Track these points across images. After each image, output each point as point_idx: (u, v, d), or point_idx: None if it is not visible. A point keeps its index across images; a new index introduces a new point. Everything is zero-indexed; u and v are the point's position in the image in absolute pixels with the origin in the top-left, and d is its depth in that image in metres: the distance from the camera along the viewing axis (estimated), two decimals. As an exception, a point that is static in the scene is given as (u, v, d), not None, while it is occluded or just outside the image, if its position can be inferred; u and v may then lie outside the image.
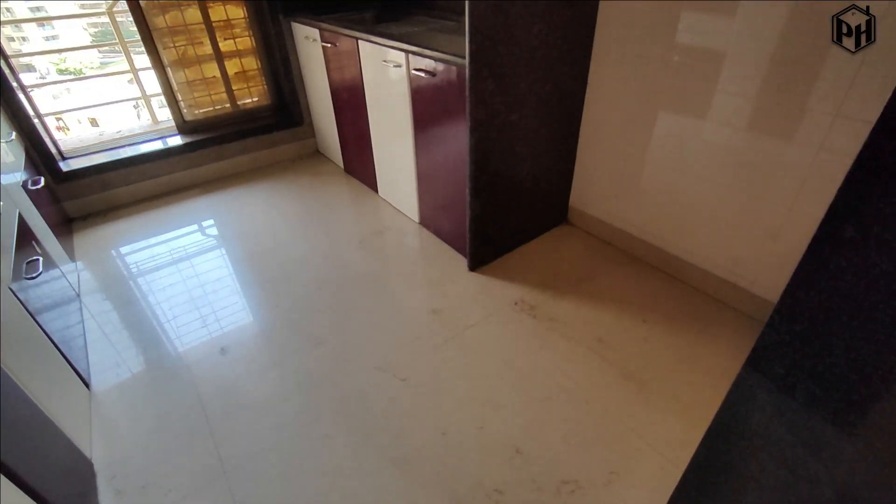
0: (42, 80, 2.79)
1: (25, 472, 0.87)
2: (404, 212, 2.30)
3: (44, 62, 3.56)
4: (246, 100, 2.82)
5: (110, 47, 2.63)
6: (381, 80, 1.96)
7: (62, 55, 3.70)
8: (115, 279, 1.98)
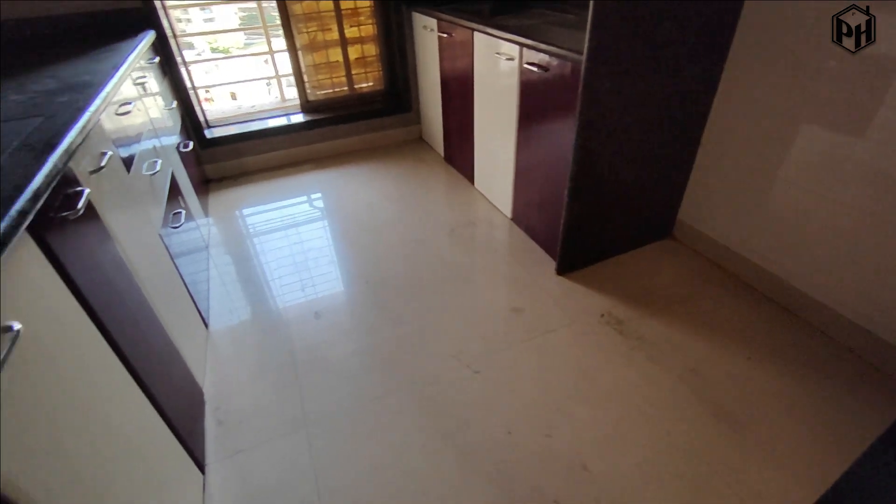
0: (199, 56, 3.27)
1: (154, 388, 1.03)
2: (497, 206, 2.29)
3: (202, 41, 4.14)
4: (362, 84, 2.99)
5: (254, 30, 2.93)
6: (492, 73, 1.96)
7: (215, 36, 4.27)
8: (236, 236, 2.24)
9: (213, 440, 1.31)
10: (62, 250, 0.81)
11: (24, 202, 0.70)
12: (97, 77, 1.35)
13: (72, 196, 0.90)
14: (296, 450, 1.27)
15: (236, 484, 1.20)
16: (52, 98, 1.19)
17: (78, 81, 1.32)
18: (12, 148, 0.88)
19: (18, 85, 1.32)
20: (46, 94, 1.22)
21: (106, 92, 1.21)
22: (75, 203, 0.89)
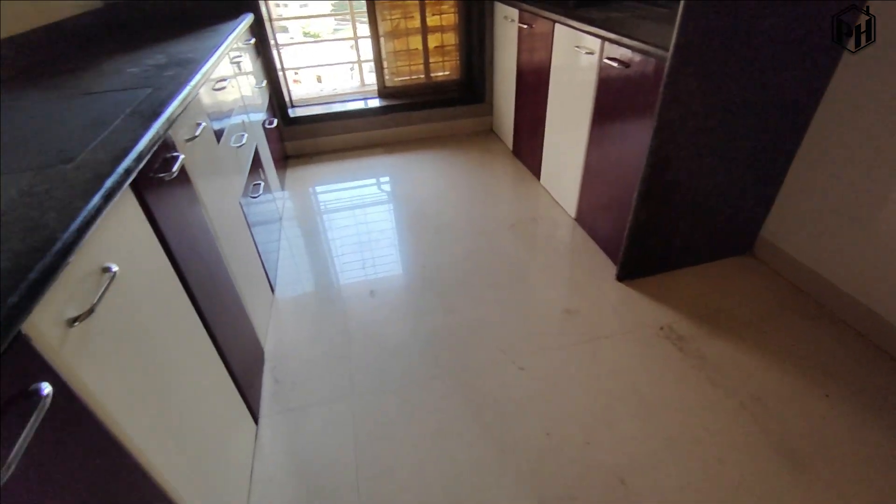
0: (291, 40, 3.53)
1: (222, 340, 1.13)
2: (561, 204, 2.24)
3: (296, 25, 4.43)
4: (438, 73, 3.02)
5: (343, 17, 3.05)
6: (570, 67, 1.90)
7: (308, 21, 4.53)
8: (308, 211, 2.38)
9: (268, 396, 1.41)
10: (157, 206, 0.91)
11: (129, 161, 0.79)
12: (199, 54, 1.48)
13: (169, 160, 1.01)
14: (340, 417, 1.34)
15: (284, 439, 1.29)
16: (161, 72, 1.32)
17: (183, 58, 1.46)
18: (125, 114, 1.00)
19: (136, 59, 1.49)
20: (157, 68, 1.36)
21: (205, 69, 1.32)
22: (171, 166, 0.99)
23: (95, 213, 0.67)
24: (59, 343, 0.58)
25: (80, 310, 0.62)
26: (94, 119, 1.00)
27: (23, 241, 0.59)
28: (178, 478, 0.80)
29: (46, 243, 0.58)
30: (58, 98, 1.16)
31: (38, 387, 0.52)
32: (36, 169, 0.78)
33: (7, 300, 0.49)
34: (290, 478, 1.20)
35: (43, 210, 0.65)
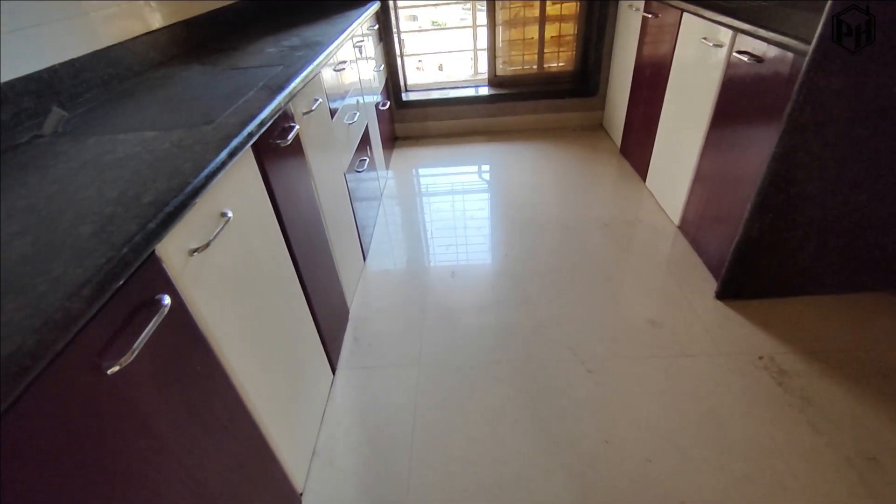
0: (420, 28, 3.75)
1: (313, 295, 1.27)
2: (665, 209, 2.08)
3: (424, 13, 4.64)
4: (552, 63, 2.95)
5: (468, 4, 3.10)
6: (693, 61, 1.74)
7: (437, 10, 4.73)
8: (408, 191, 2.51)
9: (347, 351, 1.56)
10: (271, 167, 1.05)
11: (252, 126, 0.93)
12: (327, 38, 1.64)
13: (286, 129, 1.15)
14: (406, 382, 1.43)
15: (355, 392, 1.42)
16: (293, 52, 1.49)
17: (313, 41, 1.63)
18: (258, 87, 1.16)
19: (275, 41, 1.69)
20: (290, 49, 1.54)
21: (327, 51, 1.47)
22: (287, 135, 1.13)
23: (220, 165, 0.80)
24: (181, 266, 0.72)
25: (199, 243, 0.76)
26: (235, 90, 1.18)
27: (167, 182, 0.73)
28: (260, 400, 0.94)
29: (182, 185, 0.72)
30: (212, 72, 1.38)
31: (161, 297, 0.66)
32: (186, 127, 0.95)
33: (148, 225, 0.62)
34: (354, 426, 1.32)
35: (184, 160, 0.80)
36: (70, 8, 1.22)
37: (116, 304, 0.59)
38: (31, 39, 1.11)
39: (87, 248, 0.59)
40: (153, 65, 1.51)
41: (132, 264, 0.59)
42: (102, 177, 0.78)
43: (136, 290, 0.62)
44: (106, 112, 1.13)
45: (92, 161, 0.84)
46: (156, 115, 1.09)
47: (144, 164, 0.80)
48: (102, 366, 0.55)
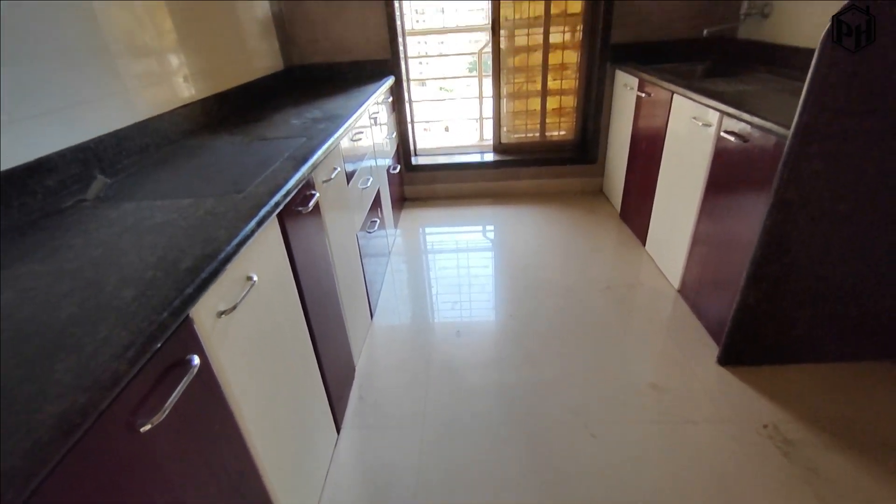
0: (427, 98, 4.08)
1: (323, 354, 1.31)
2: (665, 273, 2.14)
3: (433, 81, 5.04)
4: (553, 132, 3.14)
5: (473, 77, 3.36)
6: (685, 136, 1.87)
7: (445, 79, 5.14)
8: (414, 249, 2.60)
9: (352, 410, 1.56)
10: (292, 232, 1.13)
11: (279, 196, 1.02)
12: (346, 111, 1.79)
13: (308, 196, 1.24)
14: (409, 442, 1.43)
15: (358, 452, 1.41)
16: (315, 124, 1.63)
17: (334, 114, 1.77)
18: (284, 157, 1.27)
19: (299, 113, 1.84)
20: (313, 121, 1.68)
21: (346, 125, 1.60)
22: (308, 202, 1.22)
23: (250, 233, 0.88)
24: (210, 328, 0.77)
25: (227, 306, 0.82)
26: (262, 160, 1.29)
27: (201, 249, 0.80)
28: (268, 460, 0.96)
29: (216, 252, 0.79)
30: (241, 142, 1.51)
31: (191, 358, 0.70)
32: (218, 195, 1.04)
33: (185, 290, 0.69)
34: (356, 486, 1.31)
35: (217, 227, 0.88)
36: (116, 85, 1.36)
37: (153, 364, 0.64)
38: (81, 113, 1.23)
39: (130, 311, 0.65)
40: (186, 133, 1.65)
41: (170, 327, 0.65)
42: (142, 242, 0.85)
43: (170, 350, 0.67)
44: (144, 178, 1.23)
45: (132, 226, 0.92)
46: (190, 182, 1.19)
47: (181, 231, 0.88)
48: (136, 424, 0.59)
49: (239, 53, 2.08)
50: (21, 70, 1.07)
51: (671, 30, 2.55)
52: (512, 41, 2.88)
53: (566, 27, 2.82)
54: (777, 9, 2.14)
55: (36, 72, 1.11)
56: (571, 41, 2.86)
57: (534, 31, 2.85)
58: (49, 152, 1.12)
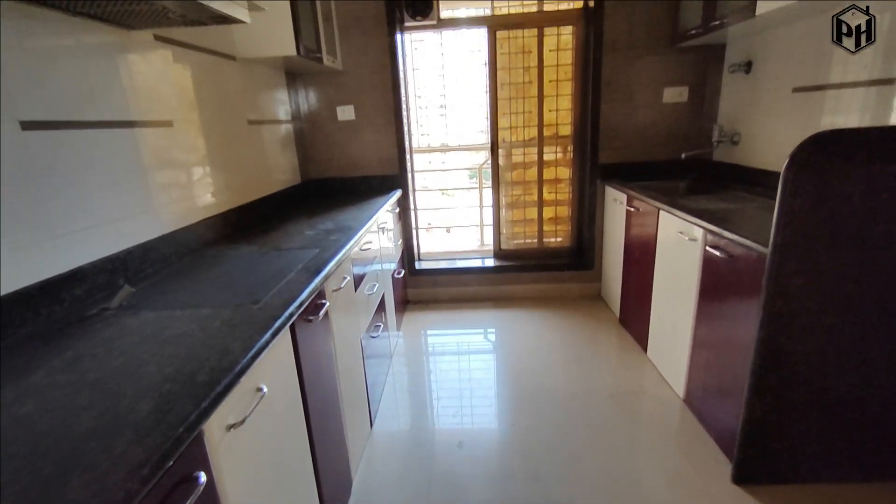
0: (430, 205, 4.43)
1: (323, 471, 1.27)
2: (668, 381, 2.11)
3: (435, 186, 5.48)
4: (550, 239, 3.31)
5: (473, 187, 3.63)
6: (674, 248, 1.99)
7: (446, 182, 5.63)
8: (416, 353, 2.59)
9: (345, 534, 1.45)
10: (302, 341, 1.17)
11: (293, 307, 1.08)
12: (357, 223, 1.93)
13: (319, 306, 1.31)
14: (407, 575, 1.31)
15: (350, 586, 1.29)
16: (328, 236, 1.75)
17: (346, 225, 1.91)
18: (298, 268, 1.36)
19: (313, 224, 1.99)
20: (326, 233, 1.81)
21: (357, 236, 1.72)
22: (318, 311, 1.28)
23: (265, 345, 0.92)
24: (218, 442, 0.78)
25: (236, 419, 0.83)
26: (278, 271, 1.37)
27: (218, 361, 0.84)
28: (257, 592, 0.89)
29: (232, 364, 0.82)
30: (258, 252, 1.61)
31: (198, 475, 0.71)
32: (235, 306, 1.10)
33: (201, 404, 0.71)
34: None
35: (234, 339, 0.93)
36: (149, 202, 1.50)
37: (163, 481, 0.64)
38: (116, 228, 1.35)
39: (146, 425, 0.67)
40: (208, 243, 1.76)
41: (183, 442, 0.67)
42: (161, 352, 0.89)
43: (180, 467, 0.68)
44: (165, 287, 1.30)
45: (152, 336, 0.97)
46: (209, 292, 1.26)
47: (198, 342, 0.92)
48: (139, 547, 0.59)
49: (262, 169, 2.30)
50: (70, 192, 1.20)
51: (653, 153, 2.83)
52: (509, 159, 3.18)
53: (558, 147, 3.13)
54: (744, 137, 2.41)
55: (83, 194, 1.24)
56: (564, 159, 3.15)
57: (529, 150, 3.15)
58: (83, 263, 1.21)
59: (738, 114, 2.47)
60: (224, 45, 1.95)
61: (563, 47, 2.93)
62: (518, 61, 2.97)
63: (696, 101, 2.73)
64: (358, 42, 2.72)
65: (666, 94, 2.72)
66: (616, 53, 2.68)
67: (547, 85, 2.99)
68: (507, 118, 3.08)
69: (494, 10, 3.03)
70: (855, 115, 1.71)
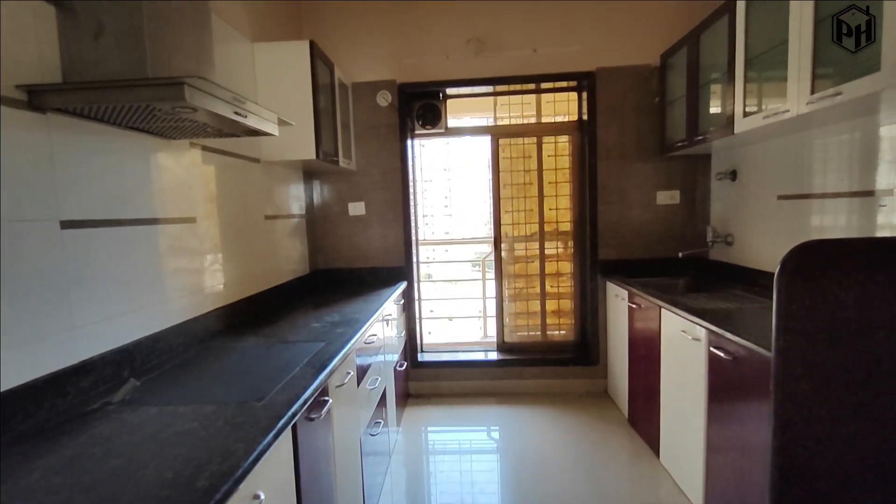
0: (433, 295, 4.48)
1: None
2: (685, 491, 1.98)
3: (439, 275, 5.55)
4: (554, 331, 3.30)
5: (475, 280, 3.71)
6: (679, 346, 1.99)
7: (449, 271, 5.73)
8: (416, 452, 2.46)
9: None
10: (302, 441, 1.14)
11: (297, 406, 1.07)
12: (363, 316, 1.95)
13: (321, 403, 1.29)
14: None
15: None
16: (334, 328, 1.77)
17: (351, 318, 1.94)
18: (303, 363, 1.36)
19: (319, 316, 2.02)
20: (331, 325, 1.83)
21: (363, 330, 1.74)
22: (321, 409, 1.26)
23: (267, 447, 0.91)
24: (210, 558, 0.74)
25: (230, 530, 0.79)
26: (283, 365, 1.37)
27: (219, 464, 0.82)
28: None
29: (232, 469, 0.81)
30: (264, 344, 1.62)
31: None
32: (238, 403, 1.09)
33: (199, 514, 0.69)
34: None
35: (236, 440, 0.91)
36: (162, 295, 1.55)
37: None
38: (130, 320, 1.38)
39: (140, 537, 0.65)
40: (215, 334, 1.78)
41: (177, 559, 0.64)
42: (161, 453, 0.88)
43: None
44: (170, 381, 1.30)
45: (152, 435, 0.96)
46: (212, 387, 1.25)
47: (200, 442, 0.91)
48: None
49: (273, 261, 2.38)
50: (92, 285, 1.25)
51: (650, 250, 2.93)
52: (512, 252, 3.29)
53: (559, 242, 3.25)
54: (738, 239, 2.51)
55: (104, 287, 1.29)
56: (565, 253, 3.25)
57: (531, 245, 3.27)
58: (93, 355, 1.22)
59: (729, 216, 2.60)
60: (251, 149, 2.15)
61: (560, 153, 3.18)
62: (519, 164, 3.21)
63: (687, 203, 2.89)
64: (372, 146, 2.97)
65: (659, 196, 2.89)
66: (610, 160, 2.91)
67: (546, 186, 3.20)
68: (510, 215, 3.24)
69: (497, 121, 3.35)
70: (843, 219, 1.80)
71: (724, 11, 2.00)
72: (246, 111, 1.33)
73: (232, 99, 1.24)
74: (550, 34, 2.86)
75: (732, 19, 1.93)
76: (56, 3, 1.15)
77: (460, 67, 2.91)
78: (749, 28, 1.85)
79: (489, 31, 2.87)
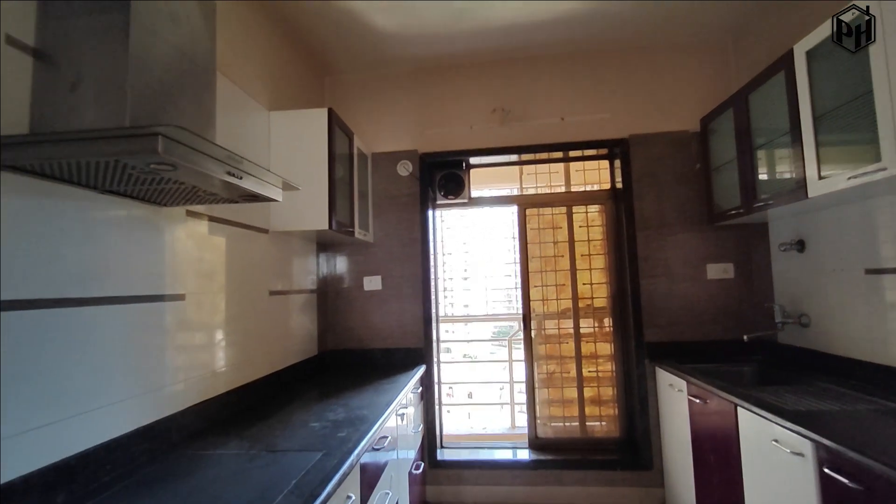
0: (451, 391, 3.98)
1: None
2: None
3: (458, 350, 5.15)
4: (595, 424, 2.84)
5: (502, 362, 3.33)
6: (770, 459, 1.57)
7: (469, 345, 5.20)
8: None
9: None
10: None
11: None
12: (373, 412, 1.62)
13: (306, 554, 0.94)
14: None
15: None
16: (336, 431, 1.44)
17: (358, 415, 1.61)
18: (289, 488, 1.03)
19: (320, 411, 1.69)
20: (333, 425, 1.50)
21: (372, 432, 1.41)
22: (305, 566, 0.91)
23: None
24: None
25: None
26: (262, 492, 1.04)
27: None
28: None
29: None
30: (246, 455, 1.29)
31: None
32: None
33: None
34: None
35: None
36: (132, 388, 1.28)
37: None
38: (77, 424, 1.10)
39: None
40: (193, 435, 1.46)
41: None
42: None
43: None
44: (111, 513, 0.98)
45: None
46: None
47: None
48: None
49: (275, 343, 2.11)
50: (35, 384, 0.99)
51: (704, 331, 2.55)
52: (541, 331, 2.94)
53: (594, 320, 2.91)
54: (815, 319, 2.13)
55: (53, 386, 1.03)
56: (601, 332, 2.89)
57: (564, 322, 2.93)
58: (13, 477, 0.93)
59: (799, 294, 2.24)
60: (258, 219, 1.97)
61: (592, 223, 2.94)
62: (548, 236, 2.97)
63: (743, 277, 2.56)
64: (391, 217, 2.79)
65: (710, 270, 2.57)
66: (649, 230, 2.64)
67: (579, 259, 2.93)
68: (539, 290, 2.95)
69: (523, 191, 3.17)
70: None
71: (779, 68, 1.82)
72: (242, 171, 1.14)
73: (225, 157, 1.05)
74: (579, 103, 2.75)
75: (791, 75, 1.74)
76: (36, 56, 1.02)
77: (485, 136, 2.79)
78: (813, 83, 1.65)
79: (515, 100, 2.78)
